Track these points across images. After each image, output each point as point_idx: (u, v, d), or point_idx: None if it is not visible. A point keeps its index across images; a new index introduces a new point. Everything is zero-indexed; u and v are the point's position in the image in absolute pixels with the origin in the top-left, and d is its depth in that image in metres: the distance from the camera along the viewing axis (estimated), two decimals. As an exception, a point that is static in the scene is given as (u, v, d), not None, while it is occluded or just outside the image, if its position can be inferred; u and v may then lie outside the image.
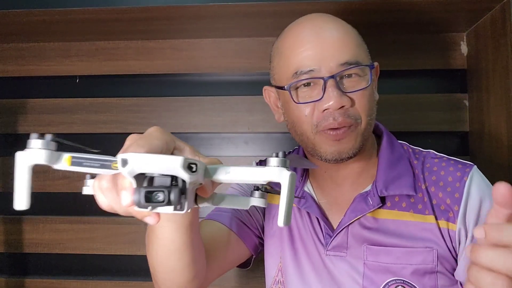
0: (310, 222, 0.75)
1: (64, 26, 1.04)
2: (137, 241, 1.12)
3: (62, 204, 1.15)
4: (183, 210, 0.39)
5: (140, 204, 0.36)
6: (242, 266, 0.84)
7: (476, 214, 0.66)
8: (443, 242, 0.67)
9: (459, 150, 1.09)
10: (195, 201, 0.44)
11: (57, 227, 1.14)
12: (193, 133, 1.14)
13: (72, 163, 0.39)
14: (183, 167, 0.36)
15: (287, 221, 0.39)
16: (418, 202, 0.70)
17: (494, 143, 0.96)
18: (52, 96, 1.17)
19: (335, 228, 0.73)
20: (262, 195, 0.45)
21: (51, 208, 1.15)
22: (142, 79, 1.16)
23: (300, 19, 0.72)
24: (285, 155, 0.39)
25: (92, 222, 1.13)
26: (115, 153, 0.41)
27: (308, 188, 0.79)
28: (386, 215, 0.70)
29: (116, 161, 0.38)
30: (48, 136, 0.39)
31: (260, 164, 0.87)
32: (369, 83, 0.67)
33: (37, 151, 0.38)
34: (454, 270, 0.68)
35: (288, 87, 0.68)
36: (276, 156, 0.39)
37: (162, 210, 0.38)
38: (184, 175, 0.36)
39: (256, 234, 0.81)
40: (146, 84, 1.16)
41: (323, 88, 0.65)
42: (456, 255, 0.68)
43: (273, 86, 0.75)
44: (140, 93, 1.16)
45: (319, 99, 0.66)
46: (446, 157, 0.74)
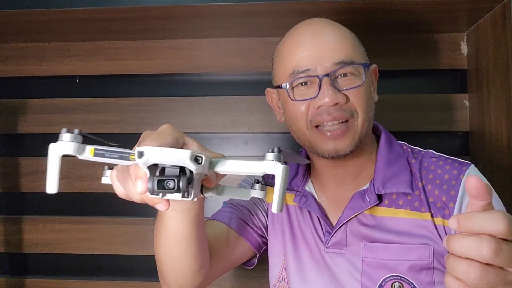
0: (311, 221, 0.77)
1: (64, 26, 1.04)
2: (137, 241, 1.12)
3: (62, 204, 1.15)
4: (190, 197, 0.43)
5: (153, 191, 0.41)
6: (247, 265, 0.85)
7: None
8: (439, 239, 0.68)
9: (459, 150, 1.09)
10: (201, 191, 0.49)
11: (57, 227, 1.14)
12: (193, 133, 1.14)
13: (95, 154, 0.44)
14: (191, 159, 0.40)
15: (280, 208, 0.44)
16: (415, 200, 0.71)
17: (494, 143, 0.96)
18: (52, 96, 1.17)
19: (334, 226, 0.74)
20: (262, 188, 0.51)
21: (51, 208, 1.15)
22: (142, 79, 1.16)
23: (300, 24, 0.75)
24: (280, 151, 0.44)
25: (92, 222, 1.13)
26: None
27: (309, 187, 0.81)
28: (384, 213, 0.72)
29: (133, 153, 0.43)
30: (76, 130, 0.44)
31: None
32: (363, 81, 0.69)
33: (67, 143, 0.43)
34: None
35: (285, 85, 0.71)
36: (272, 151, 0.44)
37: (172, 197, 0.43)
38: (192, 166, 0.41)
39: (259, 233, 0.82)
40: (146, 84, 1.16)
41: (319, 86, 0.68)
42: None
43: (274, 87, 0.78)
44: (140, 93, 1.16)
45: (315, 97, 0.69)
46: (444, 156, 0.75)
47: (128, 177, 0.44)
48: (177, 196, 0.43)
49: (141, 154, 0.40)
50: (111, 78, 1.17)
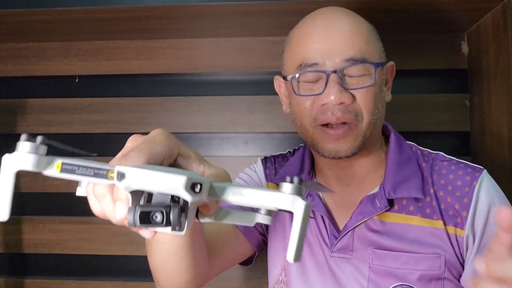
0: (316, 222, 0.74)
1: (64, 26, 1.04)
2: (137, 241, 1.11)
3: (62, 204, 1.15)
4: (182, 231, 0.35)
5: (135, 224, 0.33)
6: (244, 264, 0.84)
7: (484, 220, 0.65)
8: (451, 248, 0.65)
9: (460, 150, 1.09)
10: (196, 216, 0.40)
11: (57, 227, 1.13)
12: (193, 133, 1.14)
13: (63, 170, 0.35)
14: (186, 188, 0.32)
15: (297, 257, 0.35)
16: (426, 207, 0.68)
17: (496, 143, 0.96)
18: (52, 96, 1.16)
19: (341, 230, 0.71)
20: (268, 212, 0.41)
21: (51, 208, 1.15)
22: (142, 79, 1.16)
23: (314, 12, 0.72)
24: (301, 182, 0.36)
25: (92, 222, 1.13)
26: (115, 154, 0.39)
27: None
28: (394, 219, 0.69)
29: (113, 171, 0.34)
30: (39, 139, 0.35)
31: (265, 161, 0.87)
32: (373, 82, 0.66)
33: (24, 156, 0.35)
34: (461, 276, 0.67)
35: (291, 79, 0.68)
36: (291, 182, 0.36)
37: (159, 230, 0.35)
38: (187, 196, 0.33)
39: (260, 232, 0.81)
40: (146, 84, 1.16)
41: (325, 83, 0.65)
42: (464, 261, 0.66)
43: (282, 77, 0.75)
44: (140, 93, 1.16)
45: (320, 93, 0.66)
46: (456, 160, 0.72)
47: (108, 195, 0.37)
48: (166, 230, 0.34)
49: (122, 176, 0.32)
50: (111, 78, 1.16)
